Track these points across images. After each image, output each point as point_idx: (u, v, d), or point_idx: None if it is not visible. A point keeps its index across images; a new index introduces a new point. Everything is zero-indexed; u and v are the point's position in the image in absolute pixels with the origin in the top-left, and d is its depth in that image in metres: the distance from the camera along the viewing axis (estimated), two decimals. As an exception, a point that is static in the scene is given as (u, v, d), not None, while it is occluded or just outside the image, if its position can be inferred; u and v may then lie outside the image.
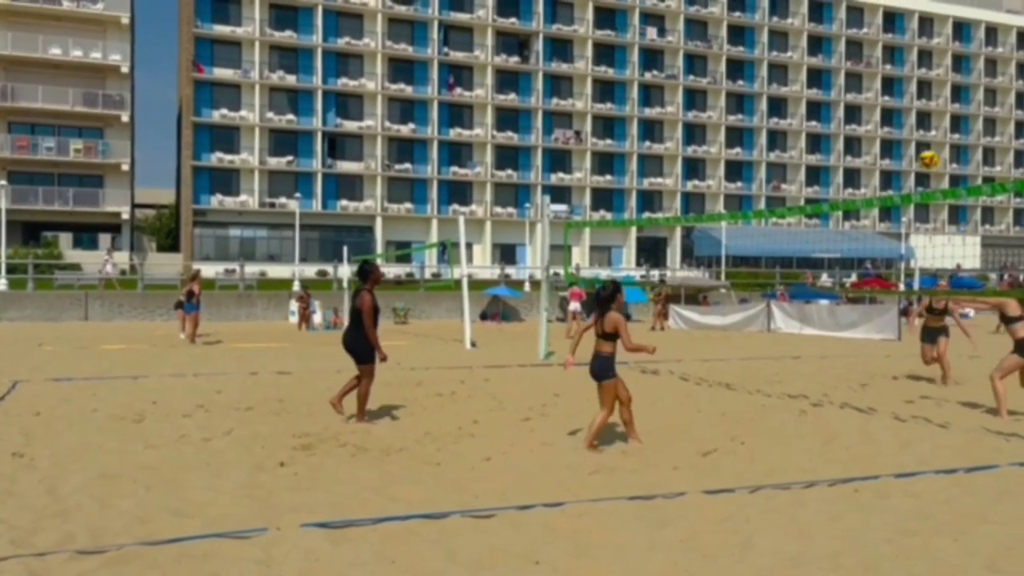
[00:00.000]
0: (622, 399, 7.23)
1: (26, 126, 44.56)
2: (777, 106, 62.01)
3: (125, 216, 46.06)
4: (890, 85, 64.91)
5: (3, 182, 36.09)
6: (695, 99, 60.05)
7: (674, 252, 58.65)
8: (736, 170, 61.09)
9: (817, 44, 63.09)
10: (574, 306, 23.65)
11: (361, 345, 8.42)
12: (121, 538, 4.48)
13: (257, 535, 4.55)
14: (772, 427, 8.28)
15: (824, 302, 28.10)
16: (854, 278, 48.27)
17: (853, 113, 64.09)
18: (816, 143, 63.16)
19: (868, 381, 12.17)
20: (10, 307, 28.08)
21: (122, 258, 43.56)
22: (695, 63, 59.87)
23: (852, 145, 63.94)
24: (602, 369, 7.05)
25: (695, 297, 33.45)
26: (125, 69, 45.41)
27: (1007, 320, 8.85)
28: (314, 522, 4.78)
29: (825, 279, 48.63)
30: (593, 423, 7.11)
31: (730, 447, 7.25)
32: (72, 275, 34.61)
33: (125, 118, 45.49)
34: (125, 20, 45.33)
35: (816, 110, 63.11)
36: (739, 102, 61.20)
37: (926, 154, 9.12)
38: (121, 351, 16.69)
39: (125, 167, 45.73)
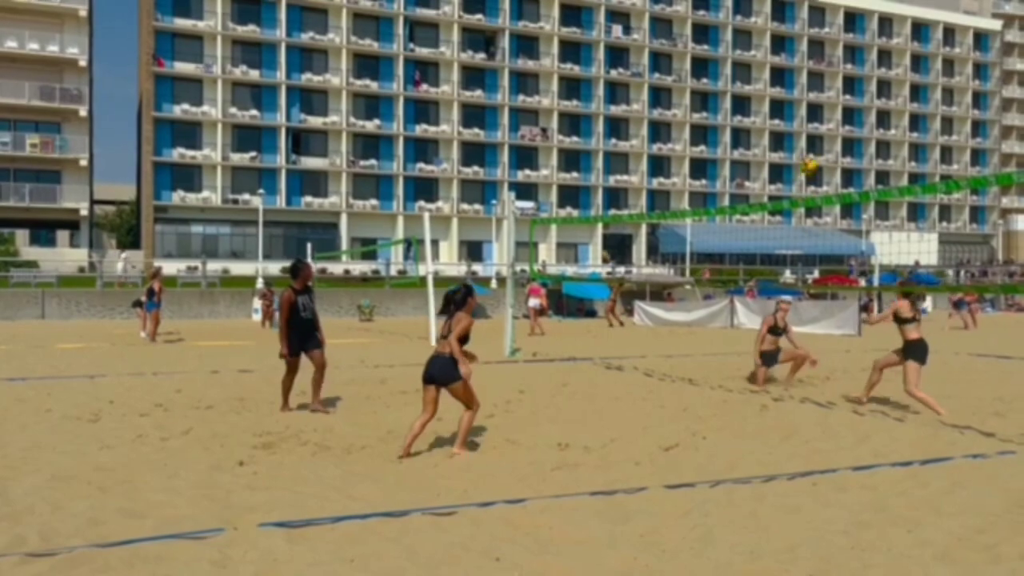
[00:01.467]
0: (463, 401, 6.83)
1: (-20, 120, 43.49)
2: (741, 104, 62.61)
3: (84, 212, 45.19)
4: (851, 84, 65.89)
5: (-44, 177, 35.18)
6: (660, 97, 60.43)
7: (640, 249, 58.99)
8: (701, 167, 61.60)
9: (780, 43, 63.82)
10: (533, 302, 23.66)
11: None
12: (73, 540, 4.39)
13: (213, 535, 4.48)
14: (733, 422, 8.36)
15: (786, 298, 28.46)
16: (816, 274, 48.97)
17: (815, 112, 64.96)
18: (779, 141, 63.91)
19: (829, 375, 12.34)
20: (-37, 305, 27.39)
21: (80, 255, 42.77)
22: (660, 61, 60.24)
23: (814, 143, 64.79)
24: (444, 371, 6.57)
25: (660, 294, 33.67)
26: (83, 63, 44.52)
27: (901, 321, 8.66)
28: (272, 521, 4.72)
29: (788, 275, 49.27)
30: (463, 425, 6.81)
31: (691, 442, 7.30)
32: (29, 272, 33.88)
33: (83, 112, 44.60)
34: (83, 13, 44.44)
35: (779, 108, 63.85)
36: (704, 100, 61.71)
37: (806, 160, 9.15)
38: (78, 350, 16.37)
39: (84, 162, 44.85)
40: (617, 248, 58.08)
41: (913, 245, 59.51)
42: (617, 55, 58.97)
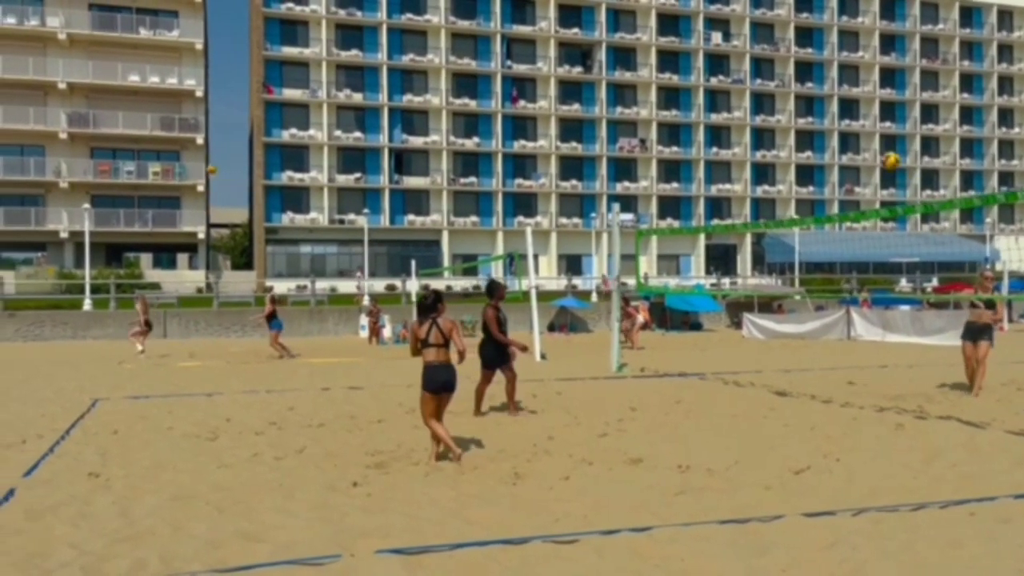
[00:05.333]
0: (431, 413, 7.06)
1: (108, 151, 46.25)
2: (849, 107, 60.29)
3: (201, 236, 47.31)
4: (969, 82, 62.44)
5: (87, 206, 37.42)
6: (763, 103, 58.82)
7: (744, 259, 57.38)
8: (807, 174, 59.55)
9: (890, 42, 61.17)
10: (640, 319, 23.04)
11: (486, 352, 9.68)
12: (192, 565, 4.34)
13: (330, 562, 4.35)
14: (867, 442, 7.77)
15: (905, 308, 26.98)
16: (935, 282, 46.38)
17: (930, 112, 61.86)
18: (891, 144, 61.07)
19: (967, 391, 11.44)
20: (93, 326, 28.96)
21: (198, 276, 44.72)
22: (762, 66, 58.69)
23: (929, 145, 61.68)
24: (456, 378, 7.16)
25: (769, 305, 32.53)
26: (199, 93, 46.76)
27: None
28: (389, 548, 4.55)
29: (904, 284, 46.85)
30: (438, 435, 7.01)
31: (824, 464, 6.79)
32: (152, 294, 35.59)
33: (200, 140, 46.81)
34: (199, 46, 46.72)
35: (890, 110, 61.11)
36: (809, 104, 59.72)
37: (888, 156, 8.48)
38: (197, 368, 16.93)
39: (200, 188, 47.03)
40: (721, 259, 56.66)
41: (1044, 249, 55.62)
42: (717, 62, 57.77)
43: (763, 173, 58.80)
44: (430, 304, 7.00)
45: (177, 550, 4.60)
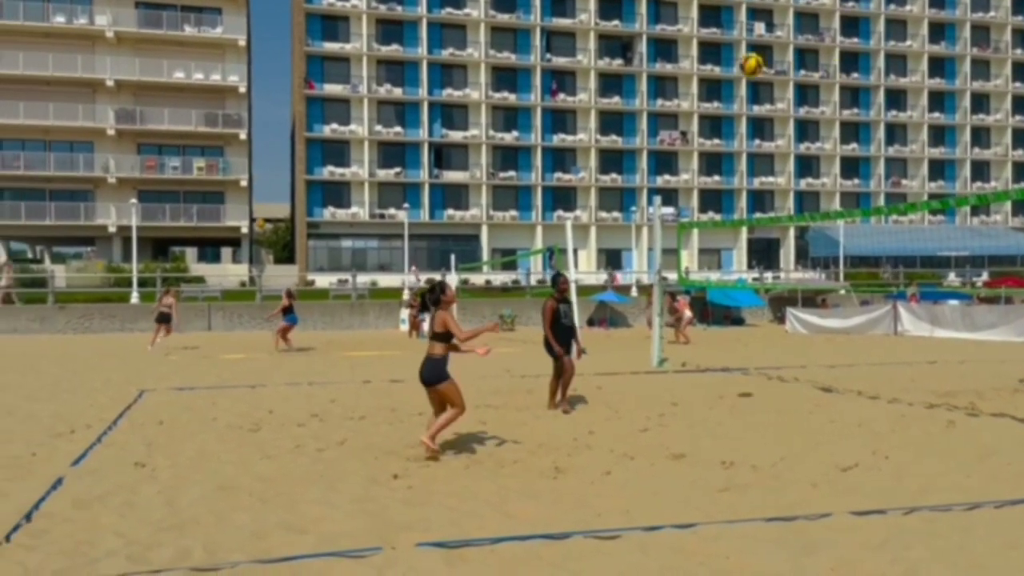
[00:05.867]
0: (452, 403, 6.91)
1: (154, 147, 47.12)
2: (896, 98, 59.04)
3: (244, 230, 47.98)
4: (1021, 70, 60.70)
5: (134, 201, 38.16)
6: (807, 94, 57.89)
7: (787, 253, 56.58)
8: (853, 166, 58.48)
9: (939, 31, 59.72)
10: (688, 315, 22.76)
11: (547, 344, 9.56)
12: (235, 555, 4.37)
13: (372, 554, 4.34)
14: (917, 439, 7.57)
15: (954, 302, 26.33)
16: (985, 276, 45.27)
17: (980, 102, 60.30)
18: (940, 135, 59.73)
19: (1020, 388, 11.12)
20: (140, 319, 29.50)
21: (241, 270, 45.35)
22: (806, 57, 57.73)
23: (980, 136, 60.14)
24: (434, 372, 6.90)
25: (813, 300, 32.00)
26: (243, 89, 47.37)
27: None
28: (430, 541, 4.54)
29: (952, 278, 45.79)
30: (441, 420, 6.88)
31: (872, 461, 6.62)
32: (197, 288, 36.19)
33: (243, 136, 47.44)
34: (242, 42, 47.32)
35: (939, 100, 59.68)
36: (854, 95, 58.63)
37: (748, 58, 7.48)
38: (240, 360, 17.15)
39: (244, 183, 47.67)
40: (763, 253, 55.92)
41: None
42: (759, 53, 56.79)
43: (807, 165, 57.87)
44: (434, 298, 6.88)
45: (221, 540, 4.64)
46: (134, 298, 32.24)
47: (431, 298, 6.90)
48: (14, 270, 34.60)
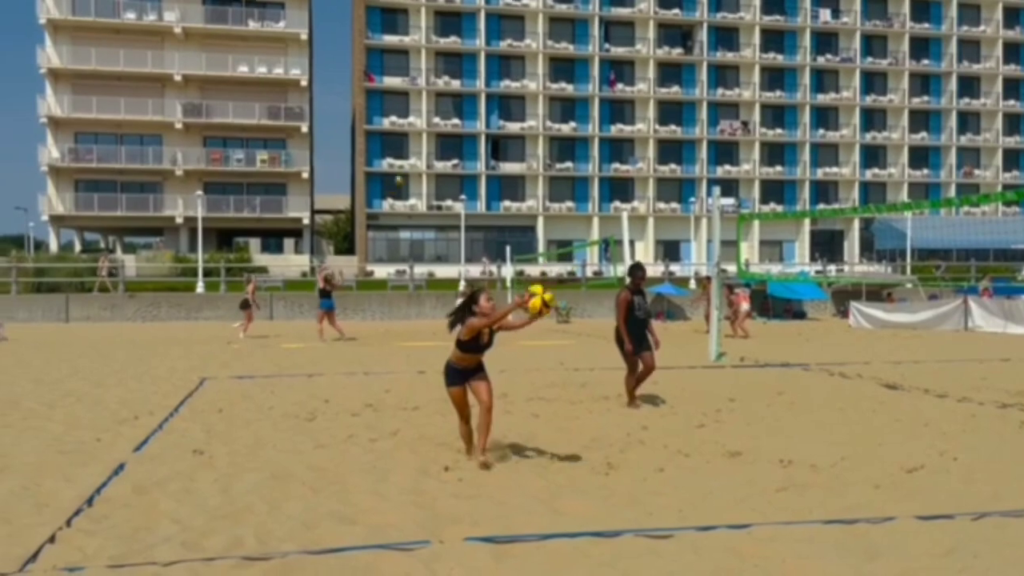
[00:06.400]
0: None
1: (219, 140, 48.22)
2: (969, 85, 56.93)
3: (306, 221, 48.81)
4: (1106, 54, 57.98)
5: (200, 192, 39.08)
6: (874, 82, 56.25)
7: (852, 245, 55.16)
8: (922, 156, 56.65)
9: (1014, 15, 57.33)
10: (744, 307, 22.27)
11: (619, 338, 9.22)
12: (286, 544, 4.40)
13: (420, 547, 4.33)
14: (988, 441, 7.26)
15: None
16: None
17: (1060, 88, 57.76)
18: (1015, 123, 57.42)
19: (1099, 388, 10.60)
20: (205, 307, 30.25)
21: (302, 261, 46.12)
22: (874, 44, 56.07)
23: (1059, 124, 57.64)
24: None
25: (878, 294, 31.11)
26: (304, 83, 48.11)
27: None
28: (478, 536, 4.50)
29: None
30: (480, 430, 6.36)
31: (940, 463, 6.37)
32: (260, 278, 36.90)
33: (304, 129, 48.22)
34: (304, 36, 48.04)
35: (1014, 87, 57.35)
36: (924, 83, 56.73)
37: (532, 294, 6.23)
38: (299, 350, 17.42)
39: (305, 175, 48.47)
40: (826, 245, 54.61)
41: None
42: (825, 40, 55.51)
43: (873, 155, 56.28)
44: (466, 307, 6.34)
45: (273, 528, 4.68)
46: (199, 287, 33.05)
47: (463, 307, 6.36)
48: (109, 260, 35.94)
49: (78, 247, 49.52)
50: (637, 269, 9.32)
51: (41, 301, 29.21)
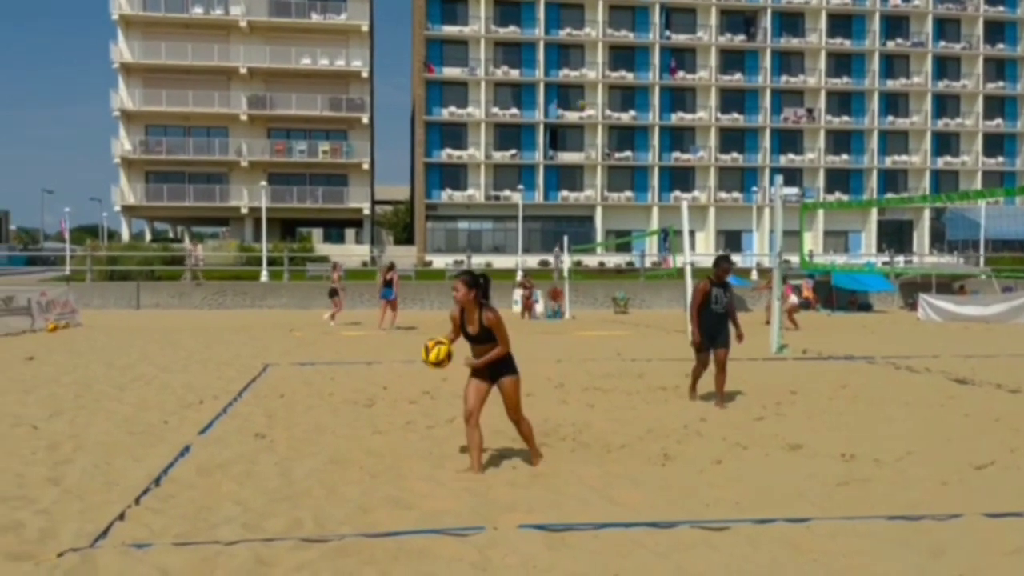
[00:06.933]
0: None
1: (282, 131, 49.13)
2: (1047, 69, 54.58)
3: (366, 212, 49.44)
4: None
5: (264, 183, 39.92)
6: (946, 67, 54.36)
7: (921, 236, 53.50)
8: (996, 143, 54.59)
9: (1100, -5, 54.73)
10: (792, 299, 21.60)
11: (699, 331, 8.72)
12: (343, 527, 4.48)
13: (474, 534, 4.36)
14: (1063, 439, 6.98)
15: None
16: None
17: None
18: (1100, 108, 54.90)
19: None
20: (269, 296, 30.94)
21: (363, 251, 46.76)
22: (946, 28, 54.16)
23: None
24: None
25: (949, 286, 30.14)
26: (365, 74, 48.66)
27: None
28: (532, 524, 4.51)
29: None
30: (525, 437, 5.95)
31: (1011, 460, 6.15)
32: (322, 267, 37.55)
33: (365, 120, 48.77)
34: (365, 28, 48.55)
35: (1099, 70, 54.80)
36: (999, 68, 54.63)
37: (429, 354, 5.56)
38: (359, 337, 17.69)
39: (366, 166, 49.07)
40: (894, 235, 53.09)
41: None
42: (895, 24, 53.80)
43: (945, 143, 54.44)
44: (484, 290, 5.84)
45: (331, 512, 4.77)
46: (263, 276, 33.80)
47: (483, 288, 5.85)
48: (202, 249, 37.18)
49: (148, 236, 51.10)
50: (722, 261, 8.75)
51: (114, 288, 30.24)
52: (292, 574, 3.81)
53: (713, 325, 8.58)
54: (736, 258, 42.23)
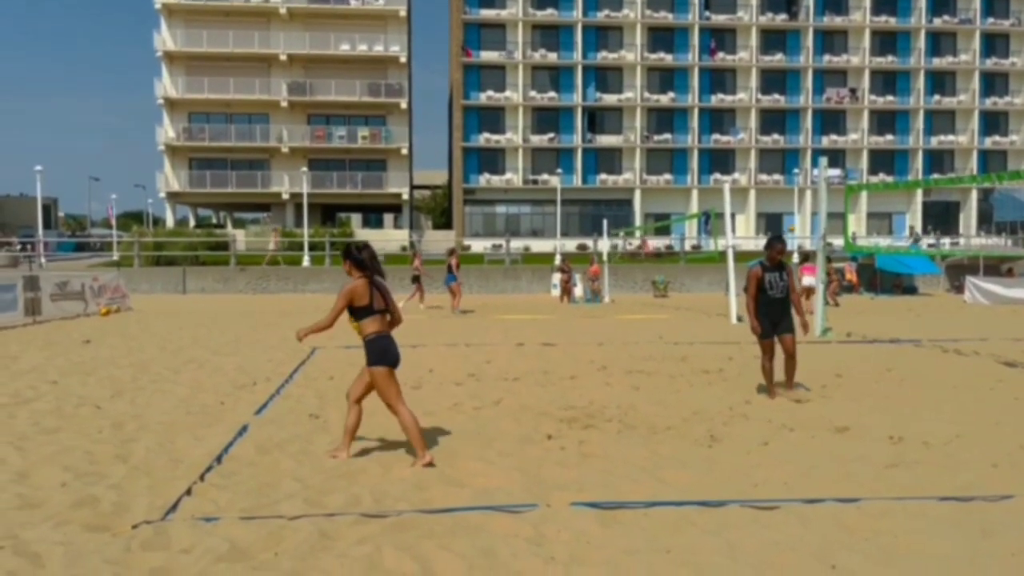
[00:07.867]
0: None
1: (322, 117, 49.51)
2: (1104, 44, 52.86)
3: (405, 196, 49.72)
4: None
5: (304, 169, 40.33)
6: (995, 44, 52.93)
7: (968, 217, 52.36)
8: (1049, 122, 53.07)
9: None
10: (807, 281, 21.00)
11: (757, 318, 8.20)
12: (400, 504, 4.63)
13: (528, 511, 4.48)
14: (1118, 422, 6.89)
15: None
16: None
17: None
18: None
19: None
20: (311, 280, 31.38)
21: (401, 235, 47.10)
22: (995, 4, 52.65)
23: None
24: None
25: (997, 268, 29.54)
26: (403, 59, 48.79)
27: None
28: (584, 501, 4.62)
29: None
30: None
31: (1063, 444, 6.10)
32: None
33: (404, 105, 48.96)
34: (403, 13, 48.64)
35: None
36: (1053, 43, 52.98)
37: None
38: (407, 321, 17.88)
39: (404, 151, 49.30)
40: (940, 217, 52.03)
41: None
42: (942, 1, 52.46)
43: (993, 122, 53.10)
44: (365, 260, 5.58)
45: (387, 489, 4.92)
46: (305, 261, 34.26)
47: (355, 259, 5.59)
48: (280, 233, 37.92)
49: (192, 222, 52.00)
50: (776, 241, 8.10)
51: (160, 273, 30.91)
52: (355, 547, 3.96)
53: (773, 311, 8.07)
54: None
